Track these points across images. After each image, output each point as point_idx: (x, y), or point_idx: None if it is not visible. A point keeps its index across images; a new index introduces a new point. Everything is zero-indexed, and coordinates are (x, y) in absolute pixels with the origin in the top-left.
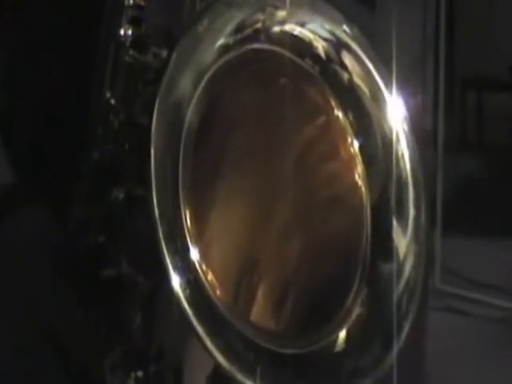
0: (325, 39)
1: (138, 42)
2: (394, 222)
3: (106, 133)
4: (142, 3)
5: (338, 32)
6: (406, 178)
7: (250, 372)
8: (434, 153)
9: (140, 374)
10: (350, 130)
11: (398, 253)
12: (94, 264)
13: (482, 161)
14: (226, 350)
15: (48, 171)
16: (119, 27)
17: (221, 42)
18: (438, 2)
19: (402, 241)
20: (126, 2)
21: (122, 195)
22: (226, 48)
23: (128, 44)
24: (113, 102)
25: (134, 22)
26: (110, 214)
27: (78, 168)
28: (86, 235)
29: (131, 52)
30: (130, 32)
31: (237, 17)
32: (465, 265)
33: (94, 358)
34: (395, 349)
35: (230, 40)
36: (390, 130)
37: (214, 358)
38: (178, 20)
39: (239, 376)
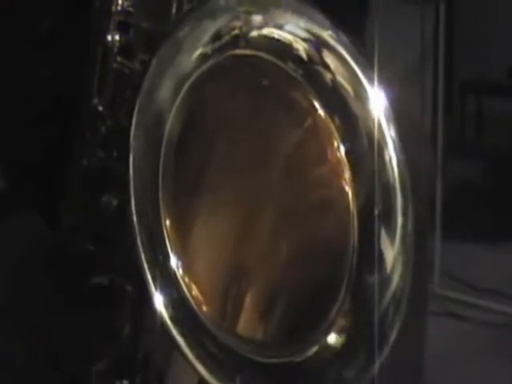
0: (304, 39)
1: (125, 49)
2: (382, 228)
3: (94, 139)
4: (130, 9)
5: (316, 30)
6: (394, 183)
7: (230, 382)
8: (432, 156)
9: (126, 382)
10: (335, 133)
11: (385, 263)
12: (83, 272)
13: (481, 164)
14: (206, 360)
15: (38, 178)
16: (107, 33)
17: (199, 51)
18: (437, 6)
19: (390, 250)
20: (113, 8)
21: (111, 202)
22: (204, 57)
23: (116, 50)
24: (100, 108)
25: (122, 28)
26: (100, 221)
27: (68, 175)
28: (76, 243)
29: (119, 58)
30: (117, 38)
31: (213, 25)
32: (464, 269)
33: (83, 365)
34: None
35: (208, 49)
36: (376, 131)
37: (194, 368)
38: (166, 26)
39: None
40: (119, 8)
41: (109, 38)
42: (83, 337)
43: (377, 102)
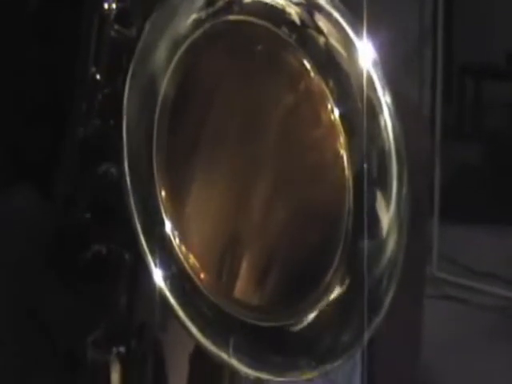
0: (296, 3)
1: (122, 16)
2: (377, 193)
3: (91, 108)
4: None
5: None
6: (389, 149)
7: (224, 344)
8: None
9: (122, 349)
10: (329, 96)
11: (380, 227)
12: (80, 241)
13: (480, 148)
14: (200, 323)
15: (33, 148)
16: (103, 1)
17: (193, 16)
18: None
19: (385, 214)
20: None
21: (107, 171)
22: (198, 22)
23: (112, 18)
24: (98, 76)
25: None
26: (97, 190)
27: (64, 143)
28: (72, 212)
29: (115, 26)
30: (114, 6)
31: None
32: (462, 253)
33: (77, 334)
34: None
35: (202, 14)
36: (371, 96)
37: (187, 329)
38: None
39: (213, 348)
40: None
41: (105, 5)
42: (79, 306)
43: (367, 56)
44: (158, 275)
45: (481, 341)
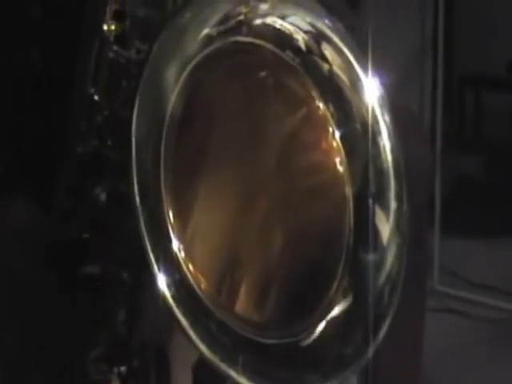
0: (305, 31)
1: (121, 38)
2: (377, 211)
3: (89, 128)
4: None
5: (319, 24)
6: (388, 169)
7: (232, 362)
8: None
9: (123, 369)
10: (331, 120)
11: (380, 243)
12: (77, 259)
13: (480, 159)
14: (208, 340)
15: (32, 166)
16: (103, 22)
17: (205, 32)
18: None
19: (385, 229)
20: None
21: (105, 191)
22: (209, 39)
23: (112, 39)
24: (96, 97)
25: (118, 17)
26: (94, 209)
27: (62, 162)
28: (70, 231)
29: (115, 47)
30: (113, 27)
31: (221, 9)
32: (463, 266)
33: (77, 353)
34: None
35: (214, 31)
36: (371, 118)
37: (196, 348)
38: (161, 14)
39: (222, 366)
40: None
41: (105, 27)
42: (77, 324)
43: (371, 90)
44: (161, 280)
45: (481, 352)
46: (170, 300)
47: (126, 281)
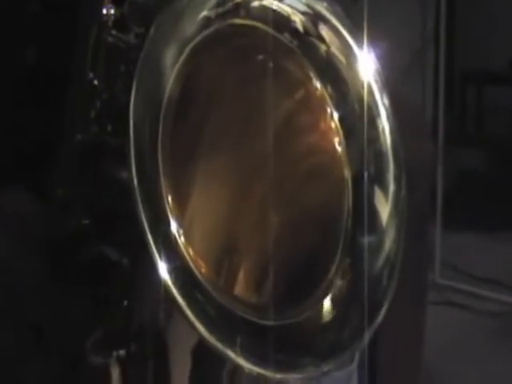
0: (302, 13)
1: (120, 22)
2: (376, 192)
3: (88, 114)
4: None
5: (316, 5)
6: (387, 151)
7: (230, 343)
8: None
9: (122, 352)
10: (329, 101)
11: (378, 225)
12: (76, 246)
13: (482, 154)
14: (206, 322)
15: (30, 153)
16: (101, 7)
17: (203, 14)
18: None
19: (383, 211)
20: None
21: (105, 177)
22: (207, 21)
23: (110, 24)
24: (96, 82)
25: (117, 2)
26: (93, 196)
27: (61, 149)
28: (69, 217)
29: (113, 32)
30: (112, 12)
31: None
32: (465, 259)
33: (76, 338)
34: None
35: (212, 13)
36: (368, 99)
37: (195, 328)
38: None
39: (220, 347)
40: None
41: (104, 11)
42: (76, 311)
43: (367, 66)
44: (163, 269)
45: (483, 346)
46: (170, 284)
47: (125, 267)
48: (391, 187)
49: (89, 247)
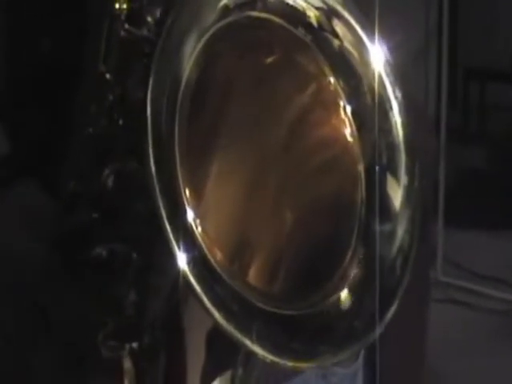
0: (317, 8)
1: (132, 16)
2: (388, 182)
3: (100, 108)
4: None
5: (330, 0)
6: (399, 144)
7: (246, 331)
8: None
9: (134, 345)
10: (342, 95)
11: (391, 215)
12: (86, 241)
13: (484, 152)
14: (222, 309)
15: (41, 146)
16: (114, 1)
17: (223, 2)
18: None
19: (396, 201)
20: None
21: (115, 171)
22: (226, 10)
23: (123, 18)
24: (108, 76)
25: None
26: (104, 190)
27: (72, 142)
28: (79, 211)
29: (126, 26)
30: (124, 6)
31: None
32: (467, 257)
33: (87, 333)
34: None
35: (231, 2)
36: (380, 92)
37: (210, 314)
38: None
39: (236, 333)
40: None
41: (116, 5)
42: (87, 306)
43: (378, 57)
44: (182, 259)
45: (485, 344)
46: (189, 274)
47: (135, 261)
48: (404, 179)
49: (99, 242)
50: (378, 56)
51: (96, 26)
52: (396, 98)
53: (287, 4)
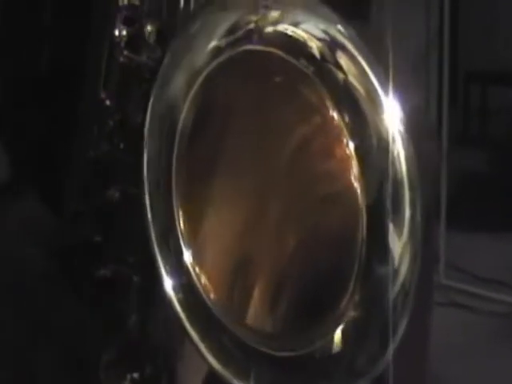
0: (319, 39)
1: (132, 42)
2: (390, 224)
3: (101, 132)
4: (137, 3)
5: (333, 32)
6: (402, 178)
7: (244, 375)
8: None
9: (136, 375)
10: (345, 130)
11: (393, 255)
12: (88, 263)
13: (486, 155)
14: (219, 353)
15: (44, 167)
16: (113, 27)
17: (213, 44)
18: None
19: (398, 243)
20: (120, 2)
21: (116, 194)
22: (217, 50)
23: (122, 44)
24: (108, 102)
25: (129, 22)
26: (105, 213)
27: (73, 165)
28: (82, 234)
29: (125, 52)
30: (124, 32)
31: (229, 18)
32: (469, 260)
33: (89, 356)
34: (390, 349)
35: (222, 42)
36: (386, 131)
37: (207, 361)
38: (173, 20)
39: (233, 380)
40: (126, 2)
41: (116, 32)
42: (89, 327)
43: (390, 103)
44: (168, 284)
45: (487, 347)
46: (180, 310)
47: (137, 284)
48: (407, 214)
49: (100, 263)
50: (390, 104)
51: (96, 52)
52: (399, 131)
53: (286, 35)
